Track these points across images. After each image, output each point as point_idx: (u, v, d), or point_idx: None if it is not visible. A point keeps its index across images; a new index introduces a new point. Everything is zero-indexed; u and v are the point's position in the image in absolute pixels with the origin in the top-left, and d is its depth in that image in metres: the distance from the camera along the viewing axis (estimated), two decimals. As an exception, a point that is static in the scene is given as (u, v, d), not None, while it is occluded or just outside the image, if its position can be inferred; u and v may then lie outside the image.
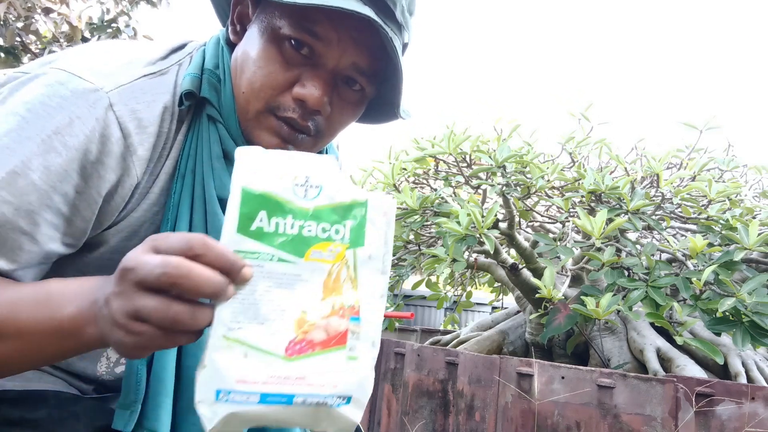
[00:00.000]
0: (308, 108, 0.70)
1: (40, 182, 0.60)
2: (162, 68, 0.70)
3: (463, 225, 1.73)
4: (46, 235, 0.63)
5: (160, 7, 4.57)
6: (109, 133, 0.63)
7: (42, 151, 0.60)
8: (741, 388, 1.38)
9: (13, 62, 4.10)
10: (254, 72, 0.69)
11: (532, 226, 2.44)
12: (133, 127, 0.65)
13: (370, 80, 0.73)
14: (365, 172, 2.30)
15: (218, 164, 0.72)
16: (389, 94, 0.76)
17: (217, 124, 0.72)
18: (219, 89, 0.72)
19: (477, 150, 2.09)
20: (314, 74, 0.69)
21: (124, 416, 0.67)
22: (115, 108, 0.64)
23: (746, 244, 1.56)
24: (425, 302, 4.00)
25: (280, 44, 0.69)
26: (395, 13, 0.70)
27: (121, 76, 0.66)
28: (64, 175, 0.61)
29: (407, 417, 1.79)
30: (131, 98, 0.66)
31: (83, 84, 0.63)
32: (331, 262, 0.52)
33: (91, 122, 0.62)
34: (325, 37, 0.68)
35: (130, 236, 0.70)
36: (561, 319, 1.71)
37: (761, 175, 2.42)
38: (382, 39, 0.68)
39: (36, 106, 0.61)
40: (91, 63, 0.66)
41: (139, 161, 0.67)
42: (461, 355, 1.72)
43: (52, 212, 0.62)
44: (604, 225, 1.63)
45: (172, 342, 0.50)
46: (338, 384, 0.52)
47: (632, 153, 2.33)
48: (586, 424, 1.46)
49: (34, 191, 0.60)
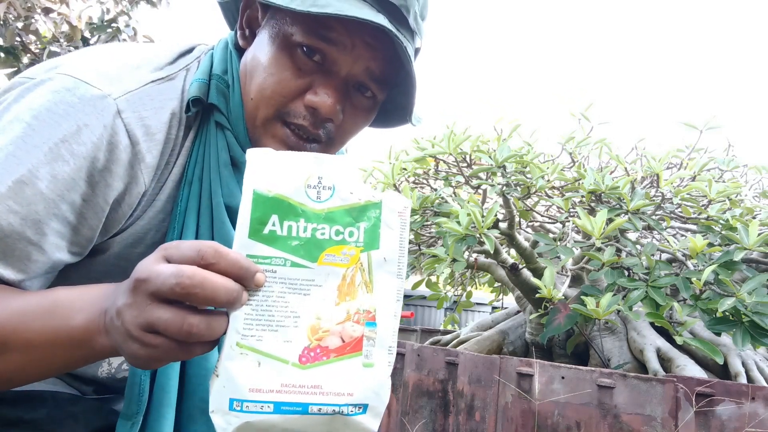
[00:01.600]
0: (320, 116, 0.69)
1: (47, 191, 0.59)
2: (170, 73, 0.69)
3: (463, 225, 1.73)
4: (54, 245, 0.62)
5: (160, 7, 4.57)
6: (117, 141, 0.63)
7: (49, 159, 0.59)
8: (741, 388, 1.38)
9: (13, 62, 4.10)
10: (265, 78, 0.68)
11: (532, 226, 2.44)
12: (141, 134, 0.64)
13: (381, 87, 0.73)
14: (365, 172, 2.30)
15: (226, 171, 0.71)
16: (400, 98, 0.75)
17: (225, 130, 0.71)
18: (227, 95, 0.71)
19: (477, 150, 2.09)
20: (326, 82, 0.68)
21: (126, 427, 0.66)
22: (123, 115, 0.63)
23: (746, 244, 1.56)
24: (425, 302, 4.00)
25: (291, 51, 0.68)
26: (408, 19, 0.70)
27: (129, 82, 0.65)
28: (72, 184, 0.61)
29: (407, 417, 1.79)
30: (139, 105, 0.65)
31: (91, 90, 0.62)
32: (346, 266, 0.51)
33: (99, 130, 0.61)
34: (340, 43, 0.67)
35: (135, 243, 0.70)
36: (561, 319, 1.71)
37: (761, 175, 2.42)
38: (395, 46, 0.67)
39: (42, 113, 0.60)
40: (98, 67, 0.65)
41: (146, 169, 0.66)
42: (461, 355, 1.72)
43: (60, 221, 0.61)
44: (604, 225, 1.63)
45: (187, 353, 0.49)
46: (354, 392, 0.51)
47: (632, 153, 2.33)
48: (586, 424, 1.46)
49: (41, 200, 0.59)
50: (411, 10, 0.70)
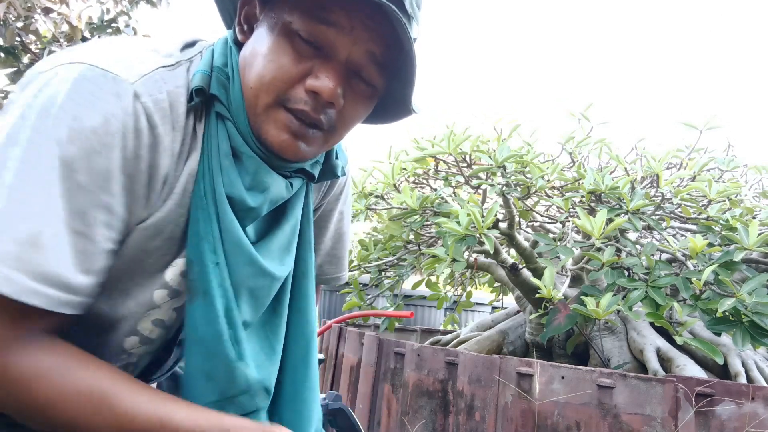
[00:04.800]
0: (322, 100, 0.69)
1: (86, 183, 0.59)
2: (178, 60, 0.70)
3: (462, 225, 1.73)
4: (102, 235, 0.62)
5: (160, 7, 4.57)
6: (140, 126, 0.63)
7: (82, 153, 0.59)
8: (741, 388, 1.38)
9: (13, 62, 4.10)
10: (264, 66, 0.69)
11: (532, 226, 2.44)
12: (159, 117, 0.65)
13: (381, 71, 0.73)
14: (365, 172, 2.30)
15: (227, 162, 0.71)
16: (399, 90, 0.75)
17: (225, 121, 0.72)
18: (227, 86, 0.72)
19: (477, 150, 2.09)
20: (327, 66, 0.68)
21: None
22: (142, 99, 0.63)
23: (746, 244, 1.56)
24: (425, 302, 4.00)
25: (291, 37, 0.68)
26: (404, 3, 0.70)
27: (142, 66, 0.65)
28: (108, 175, 0.61)
29: (407, 417, 1.79)
30: (154, 88, 0.65)
31: (107, 77, 0.62)
32: None
33: (123, 116, 0.61)
34: (339, 23, 0.67)
35: (154, 236, 0.69)
36: (561, 319, 1.71)
37: (761, 175, 2.42)
38: (395, 26, 0.67)
39: (67, 104, 0.59)
40: (110, 54, 0.65)
41: (165, 152, 0.66)
42: (461, 355, 1.72)
43: (103, 211, 0.61)
44: (604, 225, 1.63)
45: None
46: None
47: (632, 153, 2.33)
48: (586, 424, 1.46)
49: (82, 193, 0.59)
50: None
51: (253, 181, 0.74)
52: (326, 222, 1.01)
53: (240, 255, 0.72)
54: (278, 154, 0.72)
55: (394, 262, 2.39)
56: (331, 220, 1.01)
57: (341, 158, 0.91)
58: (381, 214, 2.28)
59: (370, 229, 2.72)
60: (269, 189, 0.76)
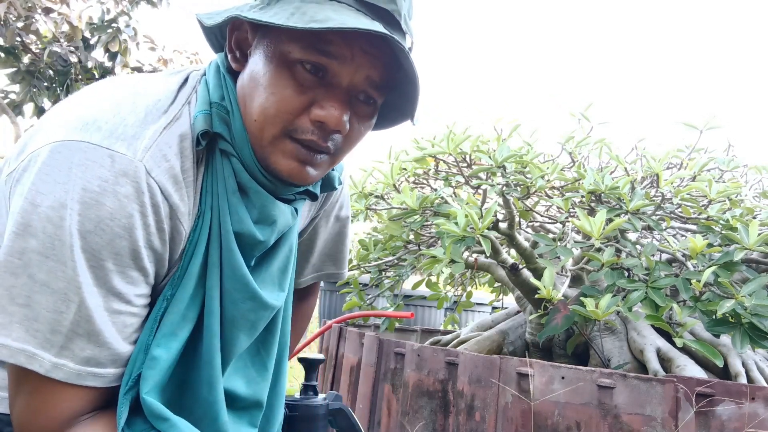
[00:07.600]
0: (328, 129, 0.69)
1: (114, 267, 0.61)
2: (176, 113, 0.69)
3: (460, 226, 1.73)
4: (139, 303, 0.66)
5: (160, 7, 4.57)
6: (157, 202, 0.63)
7: (106, 240, 0.60)
8: (741, 389, 1.38)
9: (14, 62, 4.10)
10: (266, 98, 0.68)
11: (532, 226, 2.44)
12: (170, 185, 0.65)
13: (381, 92, 0.73)
14: (365, 172, 2.30)
15: (234, 199, 0.71)
16: (398, 101, 0.76)
17: (230, 158, 0.71)
18: (229, 122, 0.71)
19: (477, 150, 2.09)
20: (330, 95, 0.69)
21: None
22: (153, 174, 0.63)
23: (746, 244, 1.56)
24: (425, 302, 4.00)
25: (291, 68, 0.68)
26: (400, 23, 0.71)
27: (145, 137, 0.64)
28: (135, 255, 0.63)
29: (407, 417, 1.79)
30: (161, 158, 0.64)
31: (115, 158, 0.61)
32: None
33: (139, 197, 0.62)
34: (340, 55, 0.67)
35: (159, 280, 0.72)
36: (558, 320, 1.71)
37: (761, 175, 2.42)
38: (393, 50, 0.68)
39: (82, 196, 0.59)
40: (107, 121, 0.63)
41: (183, 216, 0.68)
42: (461, 355, 1.72)
43: (135, 286, 0.65)
44: (604, 225, 1.63)
45: None
46: None
47: (632, 153, 2.33)
48: (586, 425, 1.46)
49: (113, 276, 0.62)
50: (401, 12, 0.70)
51: (261, 215, 0.74)
52: (324, 227, 1.03)
53: (243, 291, 0.74)
54: (287, 180, 0.72)
55: (394, 262, 2.39)
56: (329, 224, 1.03)
57: (337, 168, 0.92)
58: (381, 214, 2.28)
59: (370, 229, 2.72)
60: (277, 221, 0.77)
